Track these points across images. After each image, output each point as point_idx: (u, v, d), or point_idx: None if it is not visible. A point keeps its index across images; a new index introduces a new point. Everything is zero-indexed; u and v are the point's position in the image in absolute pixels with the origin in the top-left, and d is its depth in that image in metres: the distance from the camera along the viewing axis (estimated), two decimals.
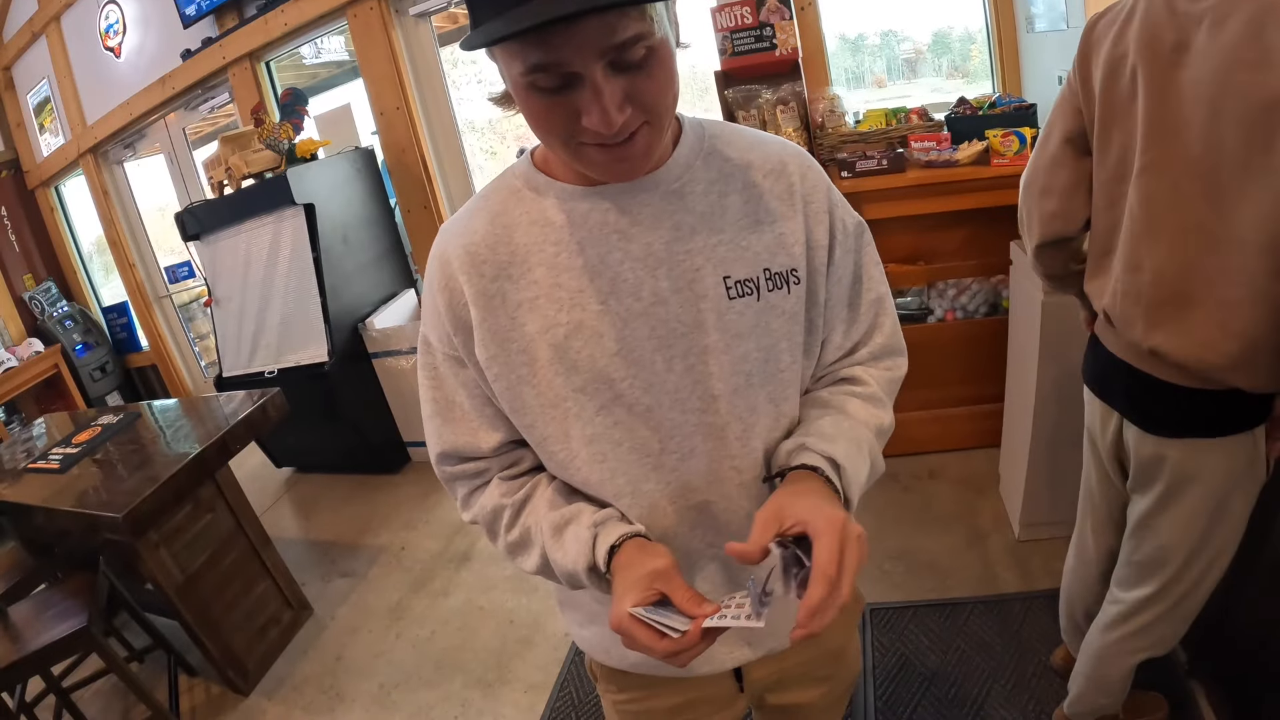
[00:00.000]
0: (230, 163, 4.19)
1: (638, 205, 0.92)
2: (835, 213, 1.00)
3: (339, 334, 4.10)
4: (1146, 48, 1.31)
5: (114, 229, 6.06)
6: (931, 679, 2.27)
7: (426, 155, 4.51)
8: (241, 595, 3.04)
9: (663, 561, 0.87)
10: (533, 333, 0.93)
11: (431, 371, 1.03)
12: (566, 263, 0.92)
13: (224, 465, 2.97)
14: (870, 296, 1.06)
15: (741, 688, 1.21)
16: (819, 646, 1.21)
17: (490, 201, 0.98)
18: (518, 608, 3.06)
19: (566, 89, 0.76)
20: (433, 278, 0.98)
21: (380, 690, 2.81)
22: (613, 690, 1.25)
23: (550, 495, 1.01)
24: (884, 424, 1.05)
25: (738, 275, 0.94)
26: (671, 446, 0.97)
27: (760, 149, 0.99)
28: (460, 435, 1.03)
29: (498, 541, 1.06)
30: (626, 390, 0.94)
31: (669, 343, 0.94)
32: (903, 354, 1.12)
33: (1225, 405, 1.40)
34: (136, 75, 5.27)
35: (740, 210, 0.95)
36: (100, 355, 6.39)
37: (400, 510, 4.09)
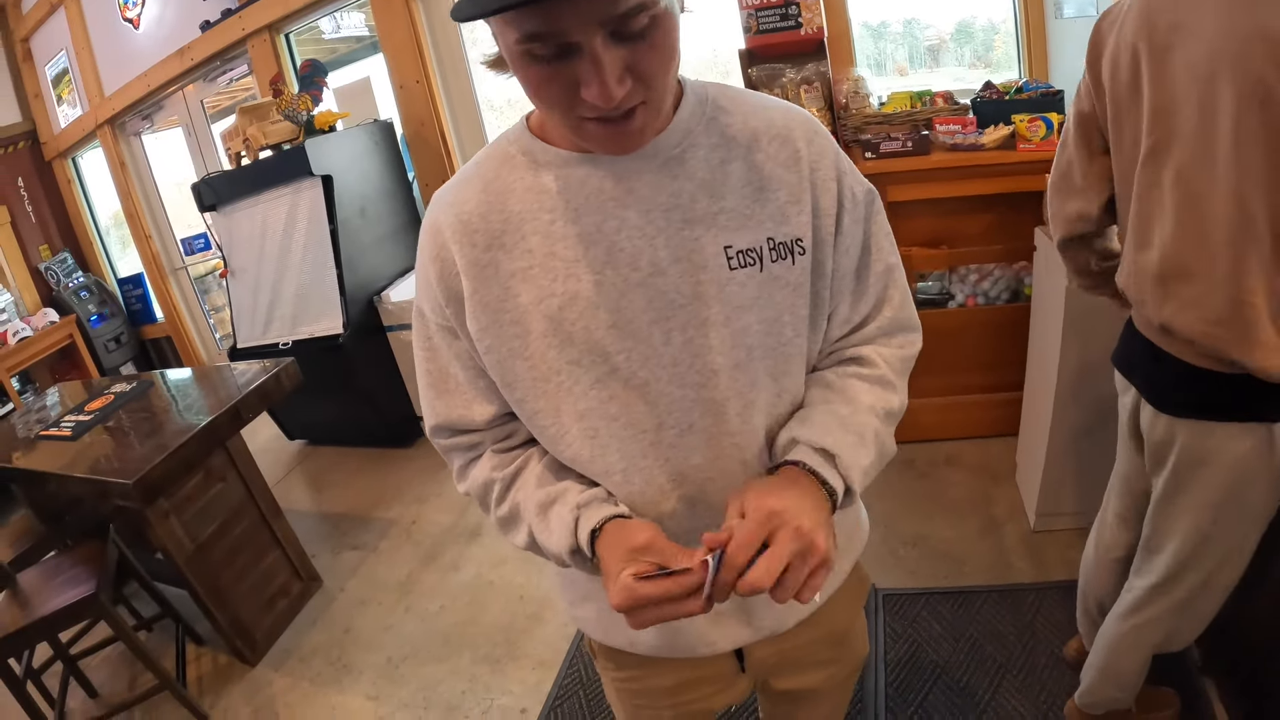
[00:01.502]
0: (248, 134, 4.18)
1: (635, 172, 0.89)
2: (843, 180, 0.96)
3: (354, 307, 4.10)
4: (1144, 33, 1.35)
5: (130, 201, 6.07)
6: (943, 667, 2.25)
7: (446, 130, 4.49)
8: (251, 565, 3.03)
9: (647, 534, 0.85)
10: (526, 303, 0.90)
11: (426, 342, 1.01)
12: (562, 231, 0.89)
13: (236, 434, 2.96)
14: (879, 268, 1.01)
15: (743, 668, 1.18)
16: (821, 628, 1.18)
17: (483, 168, 0.95)
18: (528, 584, 3.05)
19: (564, 57, 0.73)
20: (424, 248, 0.96)
21: (388, 663, 2.81)
22: (611, 668, 1.24)
23: (539, 471, 0.99)
24: (893, 407, 1.01)
25: (740, 245, 0.90)
26: (669, 422, 0.94)
27: (765, 114, 0.95)
28: (454, 407, 1.01)
29: (490, 515, 1.04)
30: (623, 364, 0.91)
31: (667, 315, 0.90)
32: (916, 329, 1.08)
33: (1238, 389, 1.39)
34: (155, 46, 5.27)
35: (743, 177, 0.91)
36: (115, 326, 6.41)
37: (412, 484, 4.08)
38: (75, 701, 3.01)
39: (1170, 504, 1.58)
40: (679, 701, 1.21)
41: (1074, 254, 1.72)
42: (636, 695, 1.24)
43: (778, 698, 1.31)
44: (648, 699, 1.23)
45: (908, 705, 2.16)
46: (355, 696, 2.69)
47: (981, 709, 2.09)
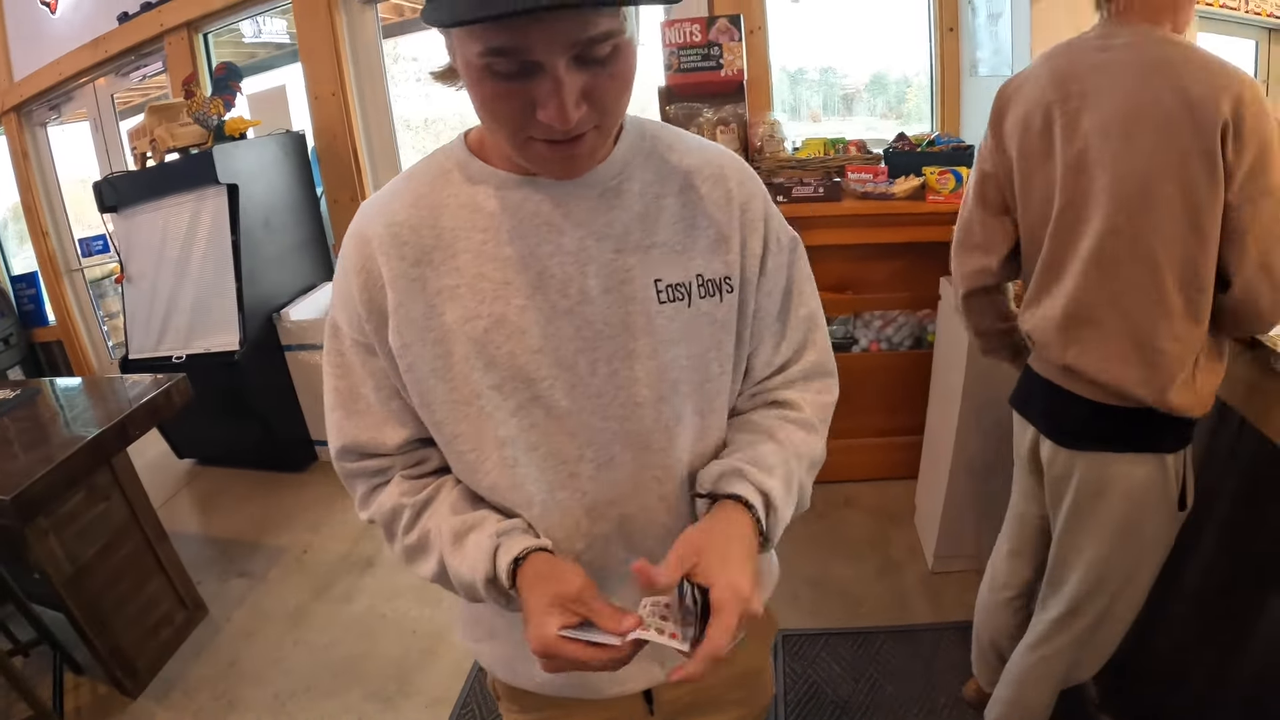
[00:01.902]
0: (155, 134, 4.05)
1: (573, 199, 0.89)
2: (770, 223, 0.98)
3: (252, 323, 3.98)
4: (1058, 94, 1.48)
5: (30, 194, 5.81)
6: (843, 707, 2.28)
7: (358, 144, 4.41)
8: (134, 591, 2.91)
9: (578, 582, 0.84)
10: (451, 323, 0.88)
11: (338, 359, 0.97)
12: (493, 252, 0.88)
13: (122, 451, 2.84)
14: (802, 312, 1.03)
15: (651, 710, 1.17)
16: (733, 668, 1.18)
17: (416, 182, 0.93)
18: (422, 618, 2.99)
19: (524, 76, 0.72)
20: (348, 258, 0.92)
21: (275, 699, 2.71)
22: (515, 710, 1.21)
23: (454, 499, 0.96)
24: (817, 454, 1.03)
25: (669, 279, 0.91)
26: (589, 455, 0.93)
27: (700, 154, 0.96)
28: (363, 430, 0.97)
29: (394, 544, 1.01)
30: (546, 391, 0.90)
31: (594, 344, 0.90)
32: (834, 376, 1.10)
33: (1135, 422, 1.51)
34: (70, 34, 5.07)
35: (676, 213, 0.92)
36: (4, 326, 6.11)
37: (305, 510, 3.97)
38: None
39: (1072, 535, 1.68)
40: None
41: (976, 310, 1.81)
42: None
43: None
44: None
45: None
46: None
47: None
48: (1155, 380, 1.44)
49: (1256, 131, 1.30)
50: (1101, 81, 1.42)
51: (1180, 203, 1.35)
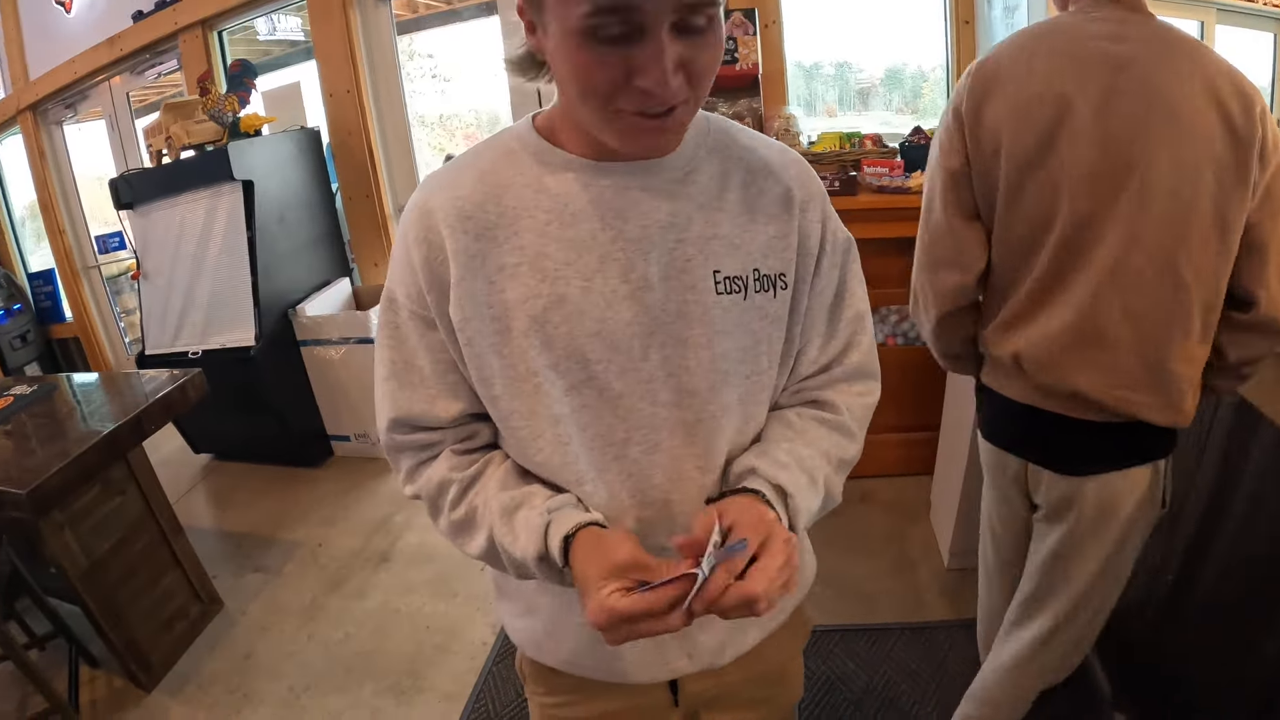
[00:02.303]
0: (171, 131, 4.07)
1: (639, 186, 0.90)
2: (828, 224, 0.99)
3: (268, 318, 3.99)
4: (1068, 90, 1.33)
5: (47, 191, 5.86)
6: (857, 704, 2.26)
7: (373, 141, 4.43)
8: (149, 585, 2.92)
9: (627, 548, 0.83)
10: (511, 300, 0.89)
11: (393, 330, 0.97)
12: (557, 233, 0.89)
13: (137, 446, 2.86)
14: (850, 313, 1.04)
15: (676, 701, 1.16)
16: (759, 666, 1.17)
17: (482, 159, 0.94)
18: (435, 613, 2.99)
19: (625, 42, 0.72)
20: (410, 229, 0.93)
21: (289, 693, 2.72)
22: (540, 692, 1.21)
23: (502, 475, 0.97)
24: (848, 456, 1.04)
25: (728, 271, 0.92)
26: (637, 438, 0.94)
27: (765, 151, 0.98)
28: (416, 402, 0.97)
29: (439, 519, 1.01)
30: (600, 373, 0.91)
31: (650, 330, 0.91)
32: (876, 379, 1.10)
33: (1135, 436, 1.45)
34: (85, 33, 5.10)
35: (738, 207, 0.93)
36: (22, 323, 6.16)
37: (320, 505, 3.98)
38: None
39: (1067, 557, 1.61)
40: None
41: (950, 332, 1.63)
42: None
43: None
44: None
45: None
46: None
47: None
48: (1168, 404, 1.39)
49: (1278, 144, 1.28)
50: (1126, 82, 1.29)
51: (1213, 218, 1.29)
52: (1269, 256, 1.32)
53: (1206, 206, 1.28)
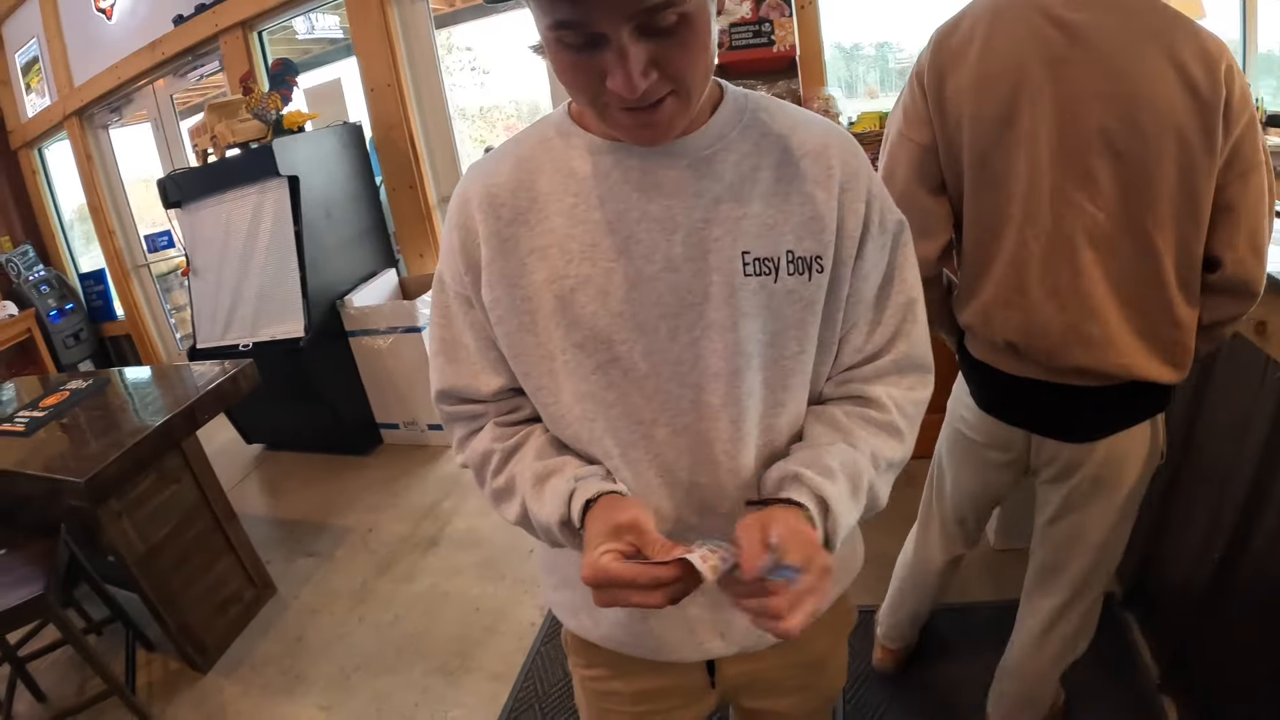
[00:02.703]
0: (216, 130, 4.14)
1: (663, 167, 0.90)
2: (873, 204, 0.94)
3: (316, 310, 4.05)
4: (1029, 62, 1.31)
5: (95, 194, 5.99)
6: (900, 684, 2.25)
7: (415, 134, 4.47)
8: (203, 570, 2.98)
9: (633, 513, 0.84)
10: (539, 281, 0.91)
11: (443, 309, 1.02)
12: (583, 215, 0.90)
13: (191, 435, 2.92)
14: (899, 300, 0.99)
15: (714, 683, 1.17)
16: (798, 654, 1.16)
17: (520, 146, 0.97)
18: (484, 595, 3.02)
19: (592, 48, 0.74)
20: (451, 216, 0.98)
21: (340, 673, 2.77)
22: (581, 665, 1.23)
23: (539, 446, 0.99)
24: (896, 458, 0.98)
25: (757, 252, 0.90)
26: (663, 419, 0.94)
27: (804, 129, 0.94)
28: (461, 376, 1.02)
29: (484, 487, 1.04)
30: (624, 354, 0.92)
31: (675, 312, 0.90)
32: (929, 371, 1.04)
33: (1140, 395, 1.45)
34: (127, 38, 5.21)
35: (771, 187, 0.91)
36: (75, 322, 6.31)
37: (369, 492, 4.04)
38: (22, 705, 2.93)
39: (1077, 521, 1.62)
40: (643, 710, 1.20)
41: None
42: (603, 697, 1.22)
43: (747, 714, 1.30)
44: (613, 703, 1.22)
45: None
46: (307, 707, 2.65)
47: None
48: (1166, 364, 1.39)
49: (1245, 103, 1.25)
50: (1084, 53, 1.28)
51: (1178, 185, 1.28)
52: (1237, 219, 1.30)
53: (1171, 173, 1.27)
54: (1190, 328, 1.38)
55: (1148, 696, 2.04)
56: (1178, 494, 2.02)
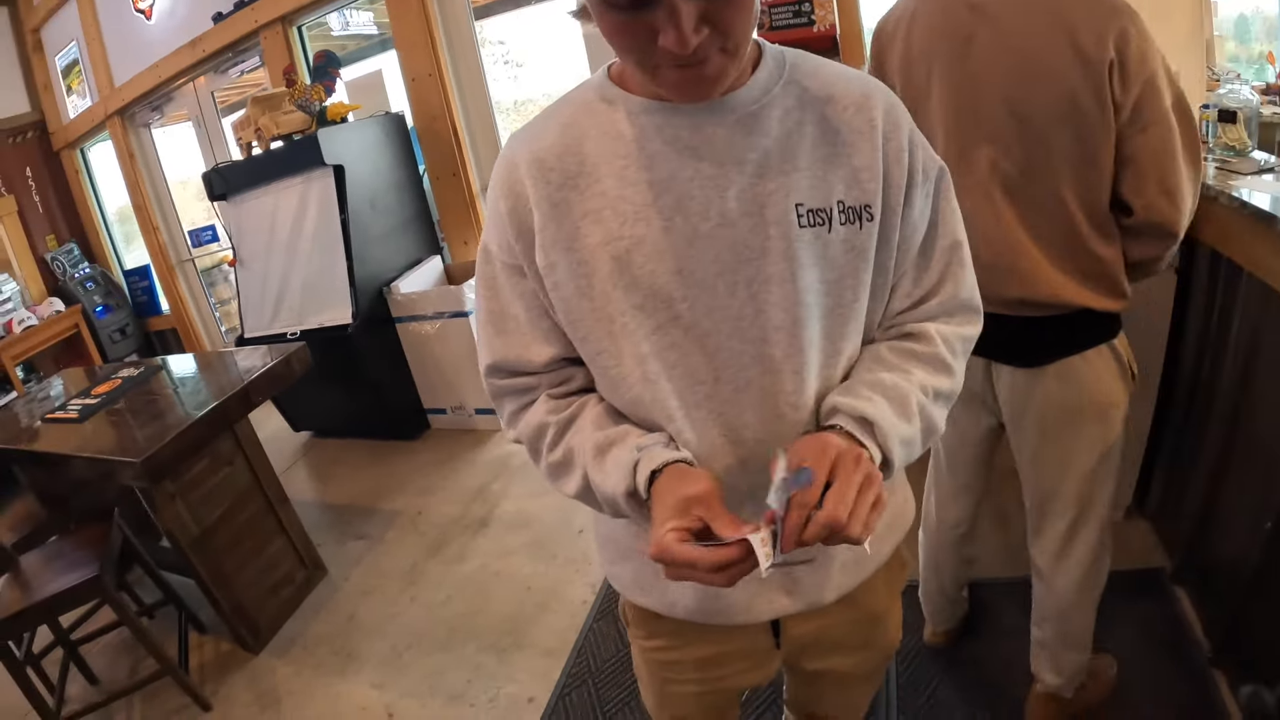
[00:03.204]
0: (260, 123, 4.18)
1: (712, 125, 0.89)
2: (915, 153, 0.95)
3: (363, 297, 4.09)
4: (938, 39, 1.49)
5: (139, 192, 6.08)
6: (953, 659, 2.23)
7: (458, 123, 4.48)
8: (256, 552, 3.02)
9: (702, 486, 0.83)
10: (594, 244, 0.91)
11: (489, 281, 1.01)
12: (634, 176, 0.90)
13: (244, 418, 2.95)
14: (944, 243, 1.01)
15: (778, 644, 1.16)
16: (859, 609, 1.16)
17: (562, 112, 0.96)
18: (535, 574, 3.03)
19: (641, 7, 0.74)
20: (498, 182, 0.96)
21: (392, 652, 2.79)
22: (642, 636, 1.22)
23: (596, 416, 0.98)
24: (944, 388, 0.99)
25: (810, 204, 0.90)
26: (726, 376, 0.93)
27: (844, 82, 0.94)
28: (512, 348, 1.00)
29: (539, 461, 1.03)
30: (685, 312, 0.91)
31: (733, 267, 0.90)
32: (977, 311, 1.06)
33: (1081, 322, 1.55)
34: (167, 37, 5.29)
35: (817, 139, 0.91)
36: (121, 317, 6.42)
37: (418, 476, 4.07)
38: (75, 687, 2.98)
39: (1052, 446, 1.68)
40: (708, 676, 1.19)
41: None
42: (665, 667, 1.22)
43: (808, 678, 1.29)
44: (676, 671, 1.21)
45: (918, 696, 2.14)
46: (359, 685, 2.68)
47: (992, 700, 2.07)
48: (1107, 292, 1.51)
49: (1142, 64, 1.34)
50: (989, 31, 1.42)
51: (1074, 144, 1.41)
52: (1141, 168, 1.41)
53: (1067, 132, 1.40)
54: (1113, 261, 1.50)
55: (1198, 671, 2.01)
56: (1229, 466, 1.99)
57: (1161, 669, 2.01)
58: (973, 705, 2.08)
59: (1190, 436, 2.20)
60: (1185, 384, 2.22)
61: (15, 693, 2.55)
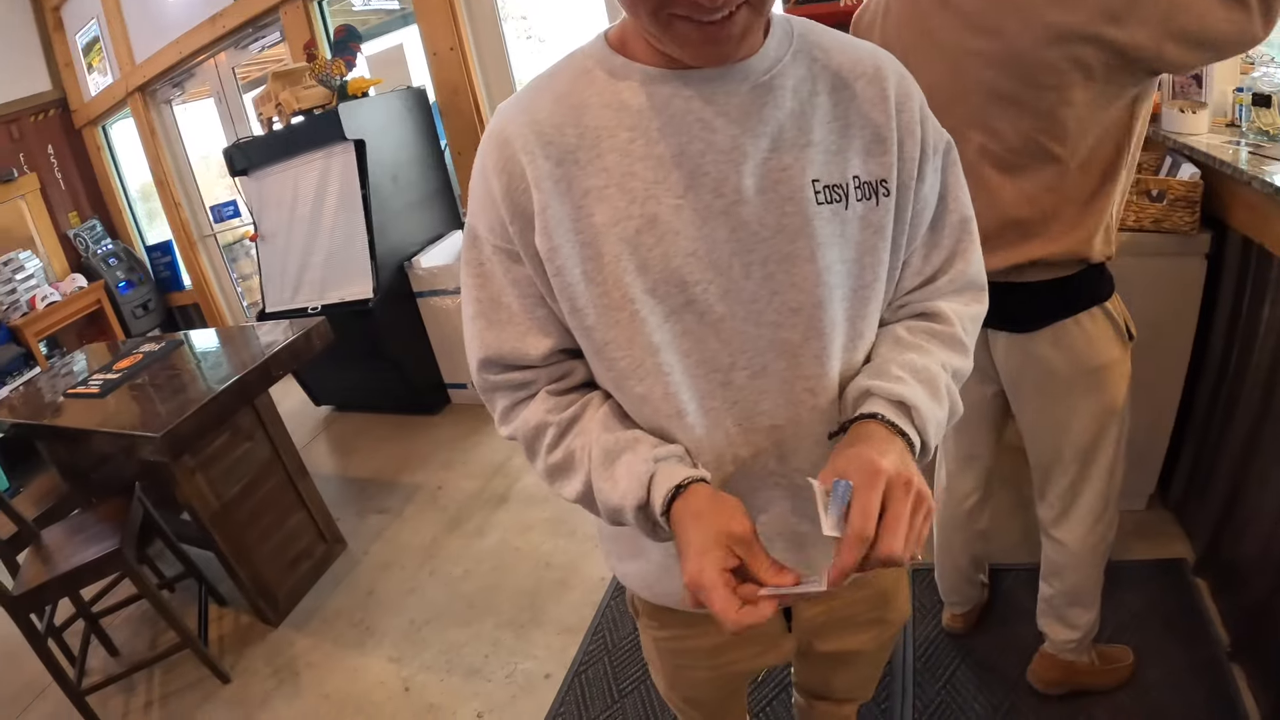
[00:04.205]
0: (280, 98, 4.16)
1: (725, 94, 0.82)
2: (927, 125, 0.91)
3: (384, 272, 4.08)
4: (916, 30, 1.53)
5: (160, 167, 6.09)
6: (971, 644, 2.21)
7: (479, 98, 4.45)
8: (275, 526, 3.03)
9: (744, 524, 0.78)
10: (600, 224, 0.84)
11: (477, 268, 0.92)
12: (642, 151, 0.83)
13: (265, 392, 2.96)
14: (954, 219, 0.96)
15: (790, 628, 1.14)
16: (870, 587, 1.15)
17: (556, 81, 0.87)
18: (554, 550, 3.02)
19: None
20: (488, 159, 0.87)
21: (410, 626, 2.80)
22: (654, 627, 1.19)
23: (603, 418, 0.91)
24: (962, 369, 0.96)
25: (826, 180, 0.85)
26: (742, 363, 0.88)
27: (852, 51, 0.89)
28: (506, 340, 0.92)
29: (537, 462, 0.96)
30: (699, 296, 0.85)
31: (750, 247, 0.85)
32: (984, 289, 1.02)
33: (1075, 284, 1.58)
34: (187, 14, 5.27)
35: (830, 112, 0.86)
36: (143, 293, 6.45)
37: (439, 450, 4.07)
38: (96, 659, 3.02)
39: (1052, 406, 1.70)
40: (721, 662, 1.18)
41: None
42: (678, 654, 1.21)
43: (818, 660, 1.27)
44: (689, 658, 1.20)
45: (935, 680, 2.12)
46: (377, 658, 2.68)
47: (1010, 687, 2.05)
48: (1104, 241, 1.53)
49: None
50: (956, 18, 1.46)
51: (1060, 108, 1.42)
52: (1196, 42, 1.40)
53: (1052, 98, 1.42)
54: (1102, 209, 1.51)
55: (1217, 664, 1.98)
56: (1256, 457, 1.95)
57: (1179, 660, 1.99)
58: (990, 692, 2.06)
59: (1216, 426, 2.17)
60: (1212, 372, 2.18)
61: (37, 664, 2.57)
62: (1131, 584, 2.22)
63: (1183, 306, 2.15)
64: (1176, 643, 2.04)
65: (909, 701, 2.09)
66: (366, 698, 2.54)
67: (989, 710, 2.01)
